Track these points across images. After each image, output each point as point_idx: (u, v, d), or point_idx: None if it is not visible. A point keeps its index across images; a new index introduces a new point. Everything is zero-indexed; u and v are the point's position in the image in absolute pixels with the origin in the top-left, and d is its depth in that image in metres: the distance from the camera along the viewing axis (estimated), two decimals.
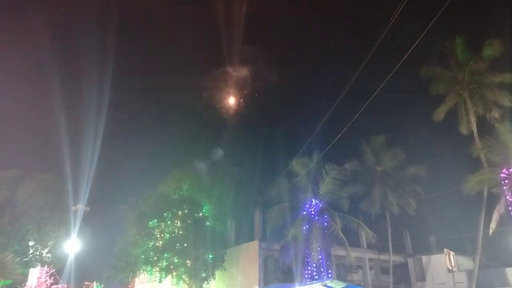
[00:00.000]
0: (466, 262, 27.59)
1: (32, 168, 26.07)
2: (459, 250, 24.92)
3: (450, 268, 20.65)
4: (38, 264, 24.23)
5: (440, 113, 24.31)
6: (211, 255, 25.46)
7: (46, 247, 24.62)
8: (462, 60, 24.01)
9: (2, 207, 23.55)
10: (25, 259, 23.74)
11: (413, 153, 27.79)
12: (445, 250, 20.92)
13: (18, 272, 21.86)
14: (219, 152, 33.70)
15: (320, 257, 23.08)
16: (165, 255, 24.24)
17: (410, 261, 31.04)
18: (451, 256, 20.62)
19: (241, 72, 41.81)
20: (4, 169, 25.21)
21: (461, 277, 25.05)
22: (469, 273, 24.72)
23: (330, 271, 23.08)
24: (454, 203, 26.42)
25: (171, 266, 24.12)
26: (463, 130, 23.92)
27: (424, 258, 30.17)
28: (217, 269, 25.35)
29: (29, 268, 23.90)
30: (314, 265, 23.01)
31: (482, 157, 22.68)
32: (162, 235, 25.12)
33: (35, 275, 24.32)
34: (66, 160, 23.70)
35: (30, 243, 24.16)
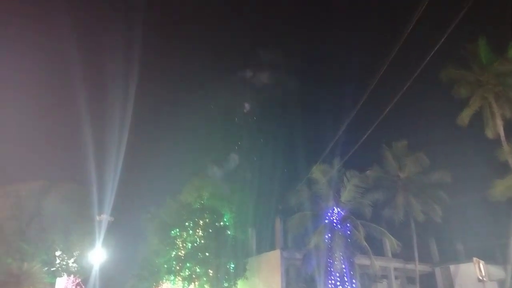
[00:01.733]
0: (497, 272, 26.48)
1: (58, 178, 26.85)
2: (489, 258, 23.95)
3: (481, 278, 19.88)
4: (65, 273, 24.82)
5: (464, 117, 23.71)
6: (232, 264, 25.44)
7: (72, 256, 25.18)
8: (486, 62, 23.42)
9: (30, 218, 24.30)
10: (52, 269, 24.32)
11: (437, 159, 27.07)
12: (475, 259, 20.19)
13: (45, 281, 22.46)
14: (238, 160, 33.87)
15: (343, 266, 22.75)
16: (187, 264, 24.39)
17: (437, 271, 30.08)
18: (481, 265, 19.87)
19: (261, 77, 42.16)
20: (32, 180, 26.07)
21: (493, 287, 24.08)
22: (501, 283, 23.79)
23: (354, 281, 22.68)
24: (482, 209, 25.57)
25: (193, 276, 24.22)
26: (489, 133, 23.21)
27: (452, 267, 29.20)
28: (239, 279, 25.28)
29: (56, 278, 24.56)
30: (337, 274, 22.68)
31: (511, 161, 21.94)
32: (184, 244, 25.32)
33: (62, 285, 24.94)
34: (90, 170, 24.31)
35: (57, 253, 24.76)
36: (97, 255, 24.06)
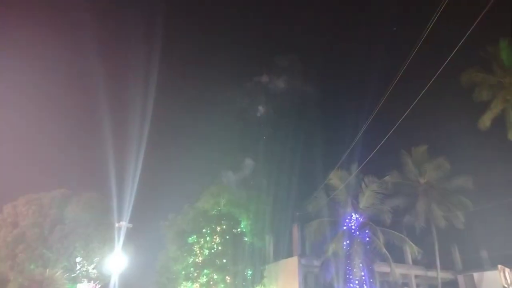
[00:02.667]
0: None
1: (79, 187, 27.46)
2: None
3: (506, 286, 19.25)
4: (85, 279, 25.21)
5: (485, 120, 23.15)
6: (250, 271, 25.41)
7: (92, 263, 25.59)
8: (508, 64, 22.89)
9: (53, 225, 24.86)
10: (72, 275, 24.77)
11: (458, 164, 26.50)
12: (499, 266, 19.57)
13: (66, 287, 22.85)
14: (255, 166, 33.91)
15: (362, 273, 22.43)
16: (205, 271, 24.49)
17: (460, 278, 29.31)
18: (507, 273, 19.24)
19: (278, 82, 42.28)
20: (53, 189, 26.72)
21: None
22: None
23: None
24: (506, 215, 24.84)
25: (211, 282, 24.30)
26: None
27: (475, 275, 28.40)
28: (256, 286, 25.24)
29: (77, 284, 24.96)
30: (356, 282, 22.36)
31: None
32: (202, 251, 25.45)
33: None
34: (110, 179, 24.74)
35: (77, 260, 25.21)
36: (117, 262, 24.35)
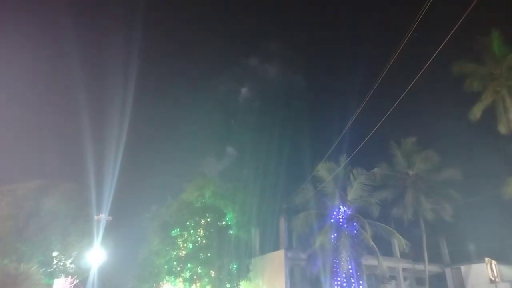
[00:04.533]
0: (510, 272, 26.56)
1: (56, 178, 27.08)
2: (501, 259, 24.01)
3: (493, 278, 19.96)
4: (62, 274, 25.05)
5: (476, 112, 23.68)
6: (235, 265, 25.65)
7: (70, 257, 25.39)
8: (499, 55, 23.35)
9: (28, 218, 24.51)
10: (49, 270, 24.54)
11: (447, 155, 27.14)
12: (487, 259, 20.27)
13: (42, 282, 22.68)
14: (241, 157, 34.02)
15: (349, 267, 22.91)
16: (189, 265, 24.62)
17: (447, 271, 30.21)
18: (493, 266, 19.94)
19: (264, 72, 42.22)
20: (29, 179, 26.30)
21: None
22: None
23: (361, 282, 22.84)
24: (494, 208, 25.59)
25: (195, 277, 24.47)
26: (502, 129, 23.18)
27: (463, 267, 29.32)
28: (242, 280, 25.52)
29: (54, 279, 24.79)
30: (343, 275, 22.84)
31: None
32: (185, 244, 25.55)
33: (59, 286, 25.19)
34: (89, 169, 24.50)
35: (54, 254, 24.97)
36: (96, 256, 24.26)
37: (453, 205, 25.96)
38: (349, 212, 24.25)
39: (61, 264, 25.18)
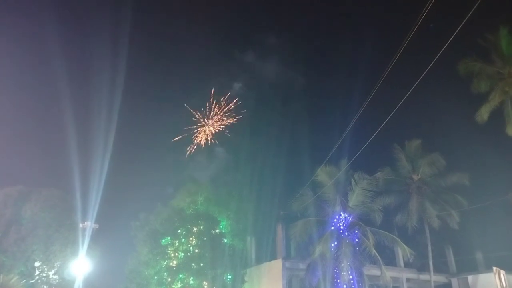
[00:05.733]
0: None
1: (38, 183, 26.76)
2: (510, 268, 23.99)
3: None
4: (45, 286, 24.70)
5: (483, 113, 23.63)
6: (230, 275, 25.43)
7: (53, 268, 25.03)
8: (508, 54, 23.36)
9: (8, 226, 24.13)
10: (31, 281, 24.17)
11: (454, 159, 27.12)
12: (495, 268, 20.23)
13: None
14: (236, 161, 33.85)
15: (351, 277, 22.77)
16: (180, 276, 24.36)
17: (454, 281, 30.12)
18: (502, 275, 19.91)
19: (262, 72, 42.16)
20: (9, 185, 25.93)
21: None
22: None
23: None
24: (503, 214, 25.57)
25: None
26: (511, 131, 23.17)
27: (470, 277, 29.23)
28: None
29: None
30: (344, 286, 22.66)
31: None
32: (176, 254, 25.28)
33: None
34: (73, 174, 24.23)
35: (36, 264, 24.62)
36: (81, 266, 23.94)
37: (460, 211, 25.86)
38: (350, 219, 24.08)
39: (44, 275, 24.79)
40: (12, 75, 33.08)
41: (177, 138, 36.45)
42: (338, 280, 22.80)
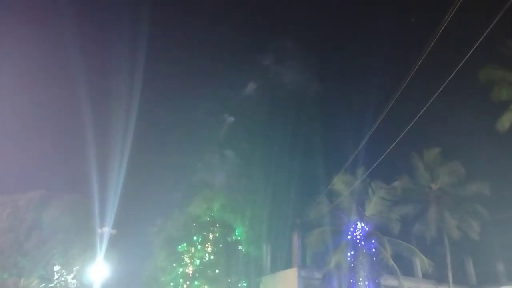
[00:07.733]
0: None
1: (58, 189, 27.18)
2: None
3: None
4: None
5: (504, 122, 23.12)
6: (245, 283, 25.30)
7: (72, 272, 25.39)
8: None
9: (28, 230, 24.61)
10: (50, 285, 24.58)
11: (474, 168, 26.36)
12: None
13: None
14: (251, 168, 33.65)
15: (368, 287, 22.32)
16: (196, 282, 24.36)
17: None
18: None
19: (277, 79, 42.01)
20: (31, 190, 26.44)
21: None
22: None
23: None
24: None
25: None
26: None
27: None
28: None
29: None
30: None
31: None
32: (192, 260, 25.29)
33: None
34: (93, 180, 24.47)
35: (56, 268, 24.99)
36: (99, 271, 24.10)
37: (480, 221, 25.15)
38: (367, 229, 23.73)
39: (63, 279, 25.17)
40: (34, 81, 33.79)
41: None
42: None
